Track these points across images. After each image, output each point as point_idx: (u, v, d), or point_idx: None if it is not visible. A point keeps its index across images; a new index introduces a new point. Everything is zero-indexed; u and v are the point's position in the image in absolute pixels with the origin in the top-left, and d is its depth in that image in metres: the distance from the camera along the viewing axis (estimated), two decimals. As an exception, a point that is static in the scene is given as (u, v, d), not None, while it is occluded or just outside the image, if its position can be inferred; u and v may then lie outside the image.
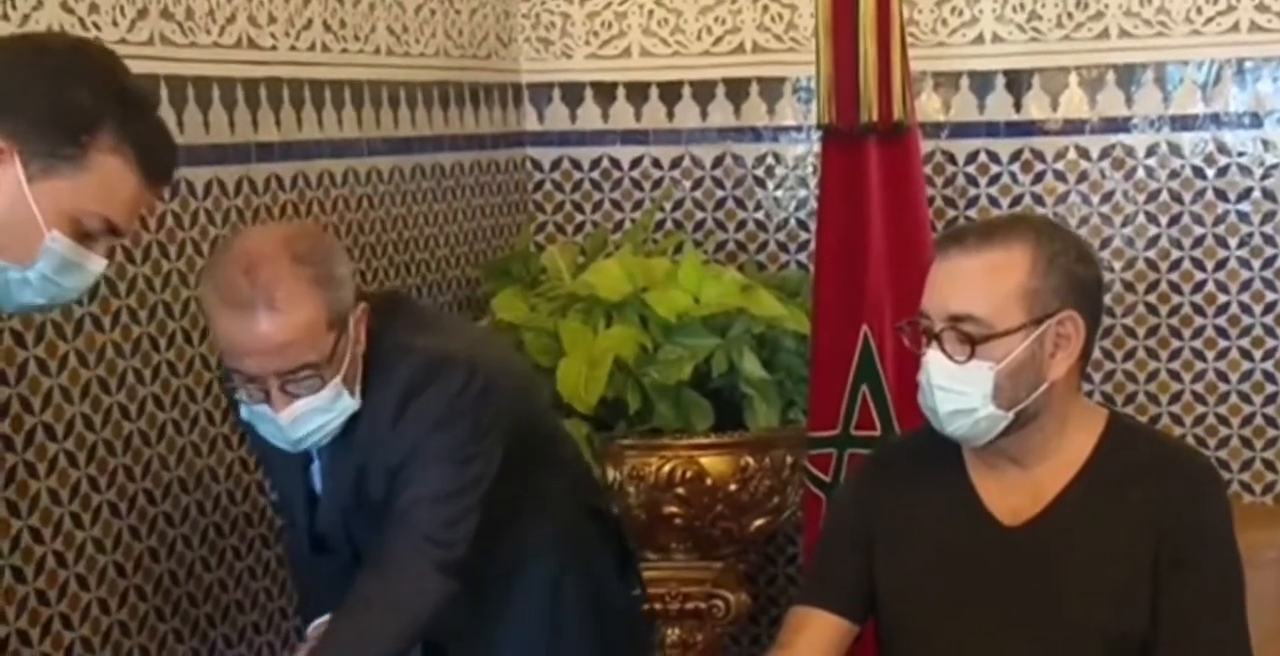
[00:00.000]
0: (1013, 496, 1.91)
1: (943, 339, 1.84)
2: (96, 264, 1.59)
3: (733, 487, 2.93)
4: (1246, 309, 3.26)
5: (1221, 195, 3.24)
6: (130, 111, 1.57)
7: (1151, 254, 3.28)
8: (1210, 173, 3.24)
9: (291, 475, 2.10)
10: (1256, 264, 3.24)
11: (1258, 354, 3.26)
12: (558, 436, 2.34)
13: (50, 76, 1.54)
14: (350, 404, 1.94)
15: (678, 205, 3.46)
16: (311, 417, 1.92)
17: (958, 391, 1.83)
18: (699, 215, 3.46)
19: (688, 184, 3.45)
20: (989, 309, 1.82)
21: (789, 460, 2.96)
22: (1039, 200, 3.30)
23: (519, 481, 2.11)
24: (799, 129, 3.38)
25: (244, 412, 1.97)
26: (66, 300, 1.64)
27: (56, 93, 1.53)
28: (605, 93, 3.43)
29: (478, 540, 2.04)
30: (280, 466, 2.12)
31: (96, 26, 2.21)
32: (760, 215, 3.44)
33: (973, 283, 1.83)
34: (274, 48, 2.60)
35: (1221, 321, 3.27)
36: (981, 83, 3.29)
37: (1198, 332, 3.28)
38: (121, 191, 1.57)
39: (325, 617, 2.07)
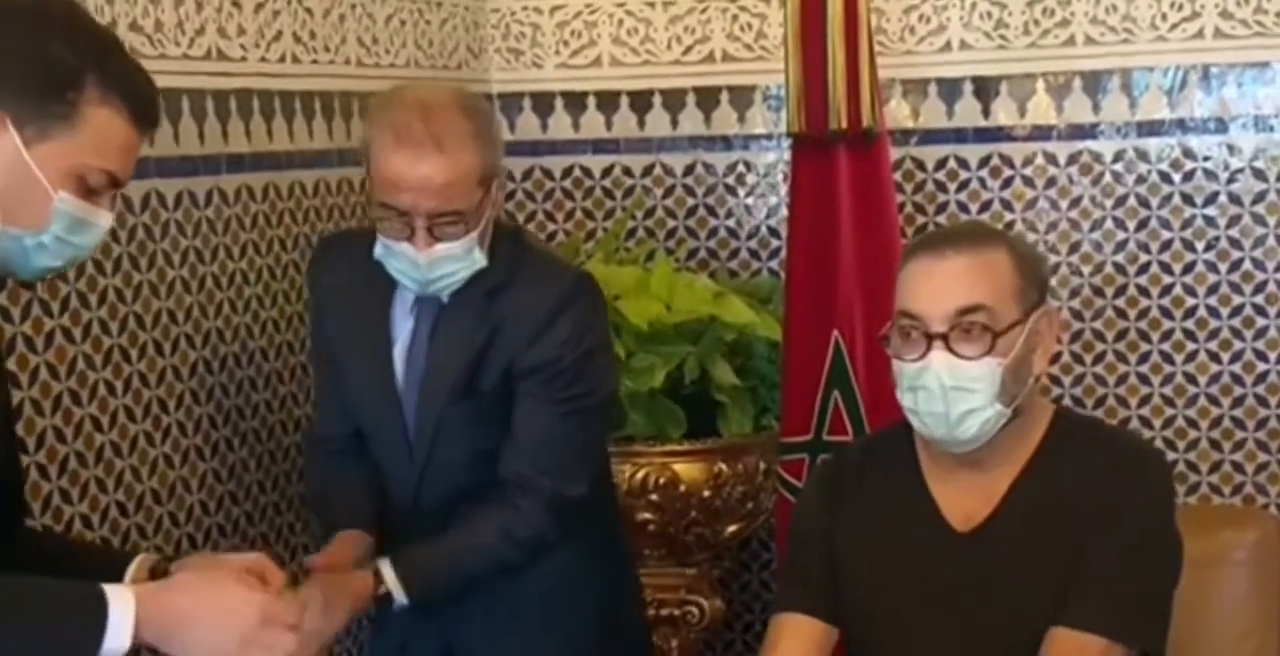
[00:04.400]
0: (968, 500, 1.93)
1: (949, 338, 1.84)
2: (104, 218, 1.60)
3: (706, 494, 2.94)
4: (1214, 312, 3.28)
5: (1188, 200, 3.27)
6: (108, 59, 1.57)
7: (1120, 258, 3.30)
8: (1177, 177, 3.27)
9: (374, 362, 2.20)
10: (1223, 267, 3.27)
11: (1225, 356, 3.29)
12: None
13: (21, 37, 1.54)
14: (480, 260, 2.12)
15: (649, 214, 3.47)
16: (447, 263, 2.10)
17: (969, 389, 1.84)
18: (670, 223, 3.47)
19: (659, 192, 3.47)
20: (995, 303, 1.85)
21: (762, 466, 2.98)
22: (1008, 206, 3.33)
23: None
24: (769, 137, 3.39)
25: (378, 249, 2.12)
26: (80, 259, 1.66)
27: (33, 52, 1.53)
28: (576, 102, 3.45)
29: None
30: (360, 357, 2.21)
31: (65, 39, 2.21)
32: (731, 223, 3.45)
33: (975, 278, 1.86)
34: (244, 59, 2.60)
35: (1190, 324, 3.30)
36: (950, 90, 3.31)
37: (1166, 336, 3.31)
38: (117, 141, 1.57)
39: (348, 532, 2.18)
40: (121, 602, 1.49)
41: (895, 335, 1.89)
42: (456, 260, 2.10)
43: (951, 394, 1.84)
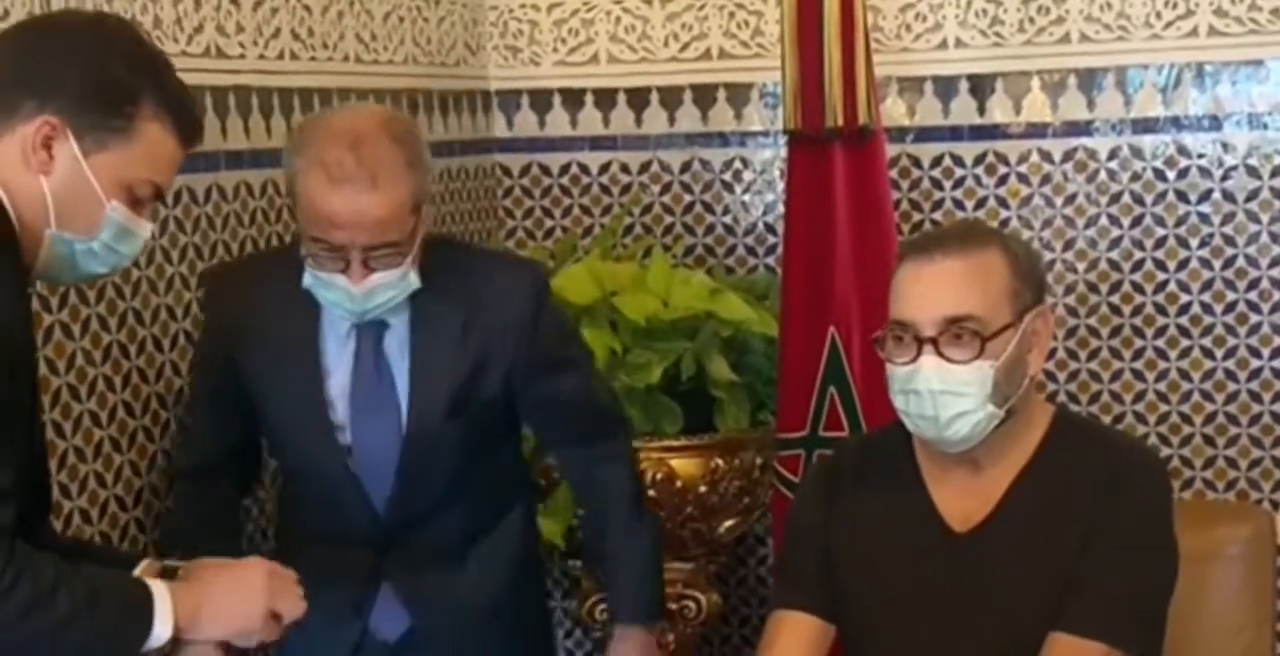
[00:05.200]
0: (966, 500, 1.93)
1: (939, 343, 1.85)
2: (146, 228, 1.70)
3: (703, 489, 2.95)
4: (1208, 308, 3.30)
5: (1182, 197, 3.29)
6: (162, 78, 1.67)
7: (1114, 255, 3.32)
8: (1171, 175, 3.29)
9: (304, 398, 2.17)
10: (1217, 264, 3.29)
11: (1219, 353, 3.30)
12: None
13: (85, 52, 1.63)
14: (414, 282, 2.09)
15: (646, 210, 3.48)
16: (382, 291, 2.07)
17: (958, 393, 1.85)
18: (667, 220, 3.48)
19: (656, 189, 3.48)
20: (984, 308, 1.85)
21: (758, 461, 2.98)
22: (1003, 203, 3.34)
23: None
24: (766, 134, 3.40)
25: (308, 279, 2.08)
26: (122, 266, 1.75)
27: (95, 67, 1.62)
28: (573, 99, 3.46)
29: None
30: (288, 394, 2.18)
31: (65, 36, 2.22)
32: (728, 219, 3.46)
33: (966, 283, 1.86)
34: (242, 56, 2.61)
35: (1183, 321, 3.31)
36: (945, 87, 3.33)
37: (1160, 332, 3.32)
38: (165, 155, 1.68)
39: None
40: (160, 595, 1.61)
41: (888, 338, 1.90)
42: (391, 287, 2.08)
43: (941, 398, 1.85)
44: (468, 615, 2.25)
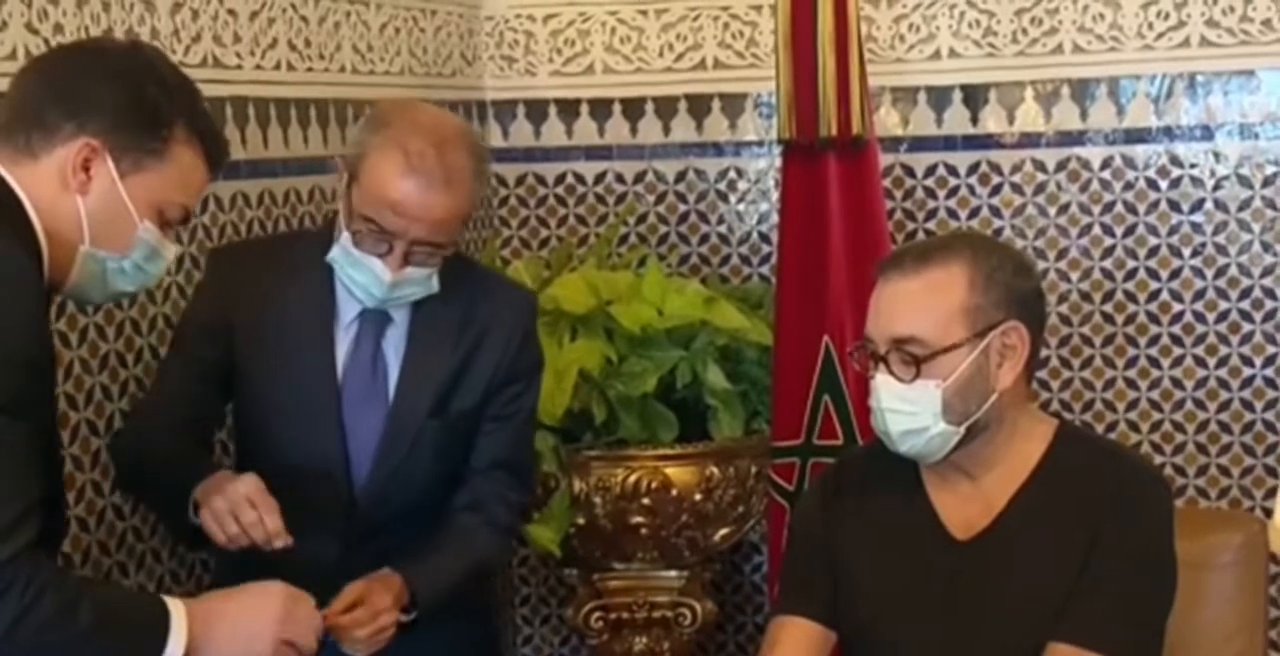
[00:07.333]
0: (967, 508, 1.94)
1: (889, 361, 1.87)
2: (171, 250, 1.76)
3: (698, 497, 2.96)
4: (1200, 317, 3.32)
5: (1175, 206, 3.30)
6: (194, 104, 1.74)
7: (1107, 264, 3.34)
8: (1163, 184, 3.30)
9: (317, 369, 2.17)
10: (1209, 273, 3.30)
11: (1211, 361, 3.32)
12: None
13: (122, 76, 1.69)
14: (435, 285, 2.14)
15: (641, 219, 3.49)
16: (409, 285, 2.11)
17: (907, 411, 1.86)
18: (662, 229, 3.49)
19: (651, 198, 3.49)
20: (930, 329, 1.85)
21: (753, 470, 3.00)
22: (996, 212, 3.36)
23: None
24: (760, 144, 3.42)
25: (337, 253, 2.10)
26: (149, 286, 1.81)
27: (133, 91, 1.68)
28: (569, 109, 3.47)
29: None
30: (305, 362, 2.16)
31: (63, 47, 2.23)
32: (723, 229, 3.48)
33: (913, 304, 1.86)
34: (239, 67, 2.62)
35: (1176, 330, 3.33)
36: (939, 97, 3.34)
37: (1153, 341, 3.34)
38: (195, 179, 1.74)
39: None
40: (177, 611, 1.64)
41: (863, 353, 1.93)
42: (417, 283, 2.12)
43: (889, 415, 1.88)
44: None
